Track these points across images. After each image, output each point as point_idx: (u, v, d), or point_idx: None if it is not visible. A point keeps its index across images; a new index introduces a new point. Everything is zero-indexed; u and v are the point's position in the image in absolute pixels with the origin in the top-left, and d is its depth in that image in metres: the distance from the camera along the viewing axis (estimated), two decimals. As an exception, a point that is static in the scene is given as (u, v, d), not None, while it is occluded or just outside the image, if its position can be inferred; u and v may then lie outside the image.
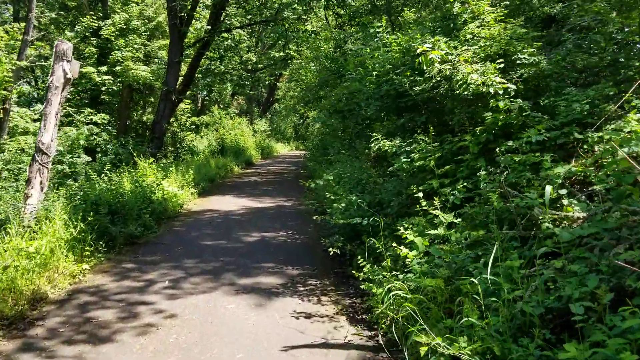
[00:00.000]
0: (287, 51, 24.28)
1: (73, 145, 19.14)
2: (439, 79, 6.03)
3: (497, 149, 5.57)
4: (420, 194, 5.80)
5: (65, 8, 25.61)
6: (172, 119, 21.36)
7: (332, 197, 7.41)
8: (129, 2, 25.62)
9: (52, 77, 11.81)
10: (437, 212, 5.40)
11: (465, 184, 5.83)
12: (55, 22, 26.83)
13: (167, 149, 21.06)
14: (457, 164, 6.22)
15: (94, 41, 24.34)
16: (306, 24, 19.58)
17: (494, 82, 5.36)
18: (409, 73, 7.13)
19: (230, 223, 10.60)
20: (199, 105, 33.05)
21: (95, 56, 25.19)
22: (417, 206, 5.96)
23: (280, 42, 22.86)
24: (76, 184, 10.83)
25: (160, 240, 9.21)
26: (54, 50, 11.83)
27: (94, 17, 24.19)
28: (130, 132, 23.04)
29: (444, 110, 7.10)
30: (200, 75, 23.60)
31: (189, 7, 18.38)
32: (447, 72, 5.78)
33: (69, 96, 25.40)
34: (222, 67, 24.39)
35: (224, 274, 7.28)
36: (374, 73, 8.58)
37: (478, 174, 5.65)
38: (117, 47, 23.38)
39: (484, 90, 5.39)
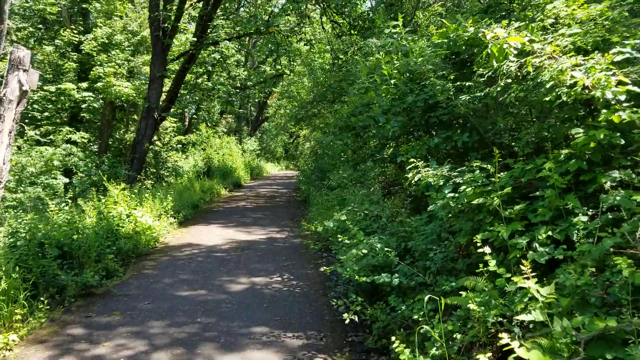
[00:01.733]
0: (278, 67, 22.43)
1: (47, 167, 17.02)
2: (509, 80, 4.07)
3: (597, 182, 3.67)
4: (487, 249, 3.82)
5: (45, 22, 23.58)
6: (155, 138, 19.35)
7: (346, 241, 5.39)
8: (112, 15, 23.77)
9: (5, 89, 9.68)
10: (526, 282, 3.39)
11: (550, 233, 3.87)
12: (34, 37, 24.80)
13: (149, 171, 18.98)
14: (528, 201, 4.27)
15: (74, 56, 22.36)
16: (299, 37, 17.67)
17: (609, 83, 3.40)
18: (452, 76, 5.18)
19: (213, 263, 8.51)
20: (186, 123, 31.04)
21: (76, 72, 23.28)
22: (474, 261, 4.01)
23: (271, 56, 21.00)
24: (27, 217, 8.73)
25: (124, 289, 7.10)
26: (9, 58, 9.80)
27: (75, 32, 22.29)
28: (112, 152, 21.06)
29: (499, 126, 5.14)
30: (185, 92, 21.61)
31: (173, 17, 16.46)
32: (530, 69, 3.82)
33: (46, 113, 23.42)
34: (210, 83, 22.44)
35: (201, 346, 5.21)
36: (392, 81, 6.64)
37: (574, 219, 3.72)
38: (98, 63, 21.44)
39: (593, 94, 3.43)
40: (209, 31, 17.66)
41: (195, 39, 17.12)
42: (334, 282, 6.46)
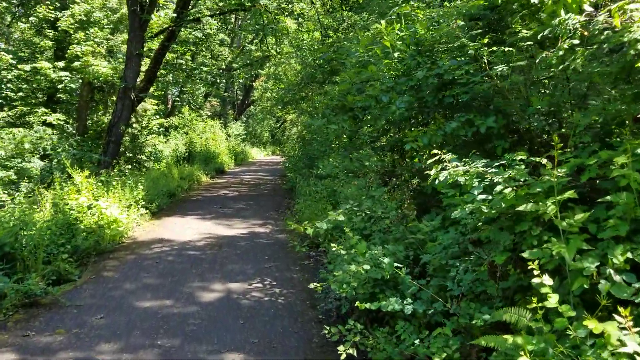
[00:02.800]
0: (264, 47, 21.05)
1: (18, 149, 15.62)
2: (575, 42, 2.90)
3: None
4: (547, 279, 2.68)
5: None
6: (132, 121, 18.00)
7: (341, 251, 4.21)
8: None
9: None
10: (610, 329, 2.25)
11: (630, 255, 2.74)
12: (9, 12, 23.18)
13: (126, 155, 17.65)
14: (589, 208, 3.14)
15: (51, 34, 20.83)
16: (287, 13, 16.36)
17: None
18: (486, 40, 4.01)
19: (184, 264, 7.29)
20: (169, 106, 29.58)
21: (52, 50, 21.77)
22: (514, 286, 2.88)
23: (257, 36, 19.66)
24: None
25: (76, 298, 5.87)
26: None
27: (51, 8, 20.72)
28: (90, 135, 19.69)
29: (532, 108, 3.97)
30: (166, 72, 20.20)
31: (151, -9, 15.06)
32: (617, 22, 2.65)
33: (21, 94, 21.88)
34: (192, 64, 21.02)
35: (157, 382, 4.04)
36: (396, 55, 5.44)
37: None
38: (76, 41, 19.97)
39: None
40: (190, 7, 16.26)
41: (175, 15, 15.74)
42: (324, 292, 5.31)
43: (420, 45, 5.39)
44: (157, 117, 20.60)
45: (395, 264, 3.90)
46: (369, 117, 5.42)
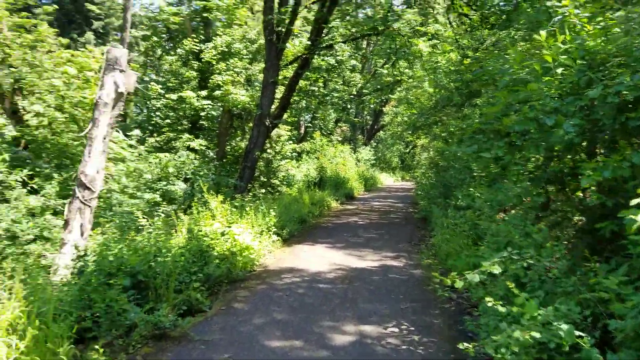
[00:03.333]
0: (395, 71, 20.61)
1: (163, 173, 16.55)
2: None
3: None
4: None
5: (168, 31, 23.67)
6: (267, 147, 18.36)
7: (500, 308, 3.47)
8: (231, 24, 23.39)
9: (101, 91, 8.81)
10: None
11: None
12: (159, 46, 25.06)
13: (260, 180, 17.99)
14: None
15: (195, 65, 22.17)
16: (420, 35, 15.76)
17: None
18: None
19: (315, 298, 6.86)
20: (302, 131, 30.14)
21: (196, 80, 23.16)
22: None
23: (389, 60, 19.27)
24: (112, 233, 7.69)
25: (205, 331, 5.64)
26: (105, 57, 8.94)
27: (196, 41, 22.09)
28: (228, 160, 20.49)
29: None
30: (299, 99, 20.47)
31: (287, 20, 15.26)
32: None
33: (168, 120, 23.44)
34: (324, 89, 21.15)
35: None
36: (559, 70, 4.61)
37: None
38: (217, 71, 21.05)
39: None
40: (324, 34, 16.27)
41: (309, 43, 15.83)
42: (473, 347, 4.49)
43: (590, 59, 4.52)
44: (290, 142, 20.94)
45: (578, 333, 3.09)
46: (528, 143, 4.61)
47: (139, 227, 8.16)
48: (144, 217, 8.24)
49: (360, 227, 13.25)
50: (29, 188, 9.54)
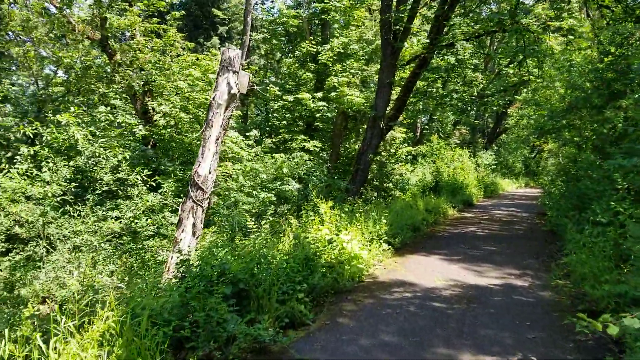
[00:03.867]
0: (522, 71, 19.06)
1: (277, 174, 16.69)
2: None
3: None
4: None
5: (287, 34, 23.95)
6: (381, 149, 17.81)
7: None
8: (349, 25, 23.18)
9: (215, 92, 8.76)
10: None
11: None
12: (278, 49, 25.48)
13: (373, 183, 17.49)
14: None
15: (312, 67, 22.22)
16: (553, 30, 14.36)
17: None
18: None
19: (427, 319, 6.18)
20: (418, 134, 29.18)
21: (312, 82, 23.24)
22: None
23: (516, 59, 17.83)
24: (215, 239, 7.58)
25: (306, 349, 5.21)
26: (220, 59, 8.90)
27: (313, 43, 22.14)
28: (342, 162, 20.29)
29: None
30: (415, 100, 19.67)
31: (405, 19, 14.61)
32: None
33: (284, 122, 23.73)
34: (443, 90, 20.15)
35: None
36: None
37: None
38: (333, 73, 20.92)
39: None
40: (444, 32, 15.39)
41: (428, 41, 15.04)
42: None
43: None
44: (405, 145, 20.23)
45: None
46: None
47: (248, 230, 8.00)
48: (252, 220, 8.07)
49: (480, 238, 12.24)
50: (148, 186, 9.79)
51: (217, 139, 8.21)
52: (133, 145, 14.89)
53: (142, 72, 15.49)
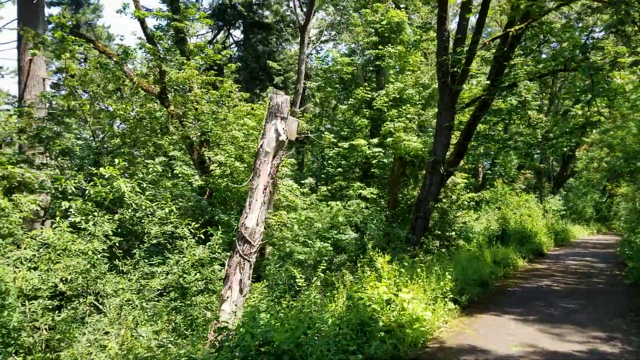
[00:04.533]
0: (591, 110, 17.88)
1: (333, 222, 16.11)
2: None
3: None
4: None
5: (342, 81, 23.78)
6: (441, 196, 16.92)
7: None
8: (404, 70, 22.78)
9: (263, 139, 8.34)
10: None
11: None
12: (333, 96, 25.28)
13: (434, 232, 16.51)
14: None
15: (367, 113, 21.83)
16: (625, 69, 13.31)
17: None
18: None
19: (504, 397, 5.26)
20: (480, 179, 28.01)
21: (367, 128, 22.81)
22: None
23: (583, 98, 16.73)
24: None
25: None
26: (268, 104, 8.52)
27: (368, 89, 21.83)
28: (401, 210, 19.49)
29: None
30: (477, 144, 18.74)
31: (463, 60, 13.98)
32: None
33: (339, 169, 23.25)
34: (505, 133, 19.17)
35: None
36: None
37: None
38: (389, 118, 20.42)
39: None
40: (505, 72, 14.63)
41: (488, 83, 14.30)
42: None
43: None
44: (468, 191, 19.25)
45: None
46: None
47: (297, 288, 7.36)
48: (301, 277, 7.42)
49: (555, 293, 11.02)
50: (197, 238, 9.37)
51: (265, 189, 7.70)
52: (187, 195, 14.73)
53: (199, 122, 15.50)
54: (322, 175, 23.81)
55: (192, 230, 8.79)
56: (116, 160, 8.23)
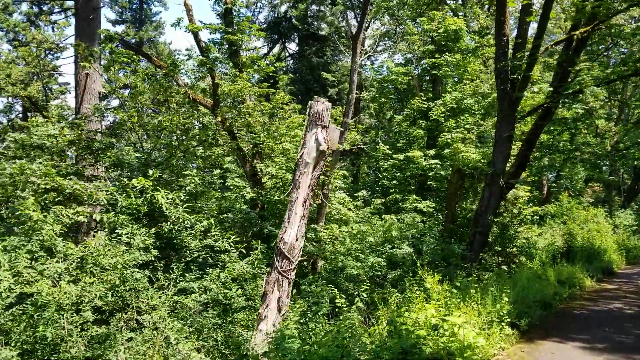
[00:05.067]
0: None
1: (386, 236, 15.52)
2: None
3: None
4: None
5: (397, 92, 23.18)
6: (501, 210, 15.99)
7: None
8: (462, 79, 21.98)
9: (302, 149, 7.93)
10: None
11: None
12: (388, 107, 24.70)
13: (493, 249, 15.58)
14: None
15: (423, 123, 21.13)
16: None
17: None
18: None
19: None
20: (544, 192, 26.57)
21: (424, 139, 22.08)
22: None
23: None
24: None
25: None
26: (307, 112, 8.11)
27: (424, 99, 21.15)
28: (459, 224, 18.67)
29: None
30: (539, 154, 17.68)
31: (524, 66, 13.16)
32: None
33: (395, 181, 22.56)
34: (570, 144, 17.99)
35: None
36: None
37: None
38: (446, 129, 19.67)
39: None
40: (569, 79, 13.67)
41: (551, 89, 13.37)
42: None
43: None
44: (530, 205, 18.18)
45: None
46: None
47: (337, 308, 6.85)
48: (341, 296, 6.91)
49: (628, 318, 9.95)
50: (238, 252, 9.04)
51: (305, 202, 7.26)
52: (236, 207, 14.56)
53: (251, 134, 15.35)
54: (377, 188, 23.22)
55: (231, 243, 8.44)
56: (150, 171, 8.03)
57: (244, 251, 8.90)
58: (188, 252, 8.00)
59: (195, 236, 7.97)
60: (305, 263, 16.08)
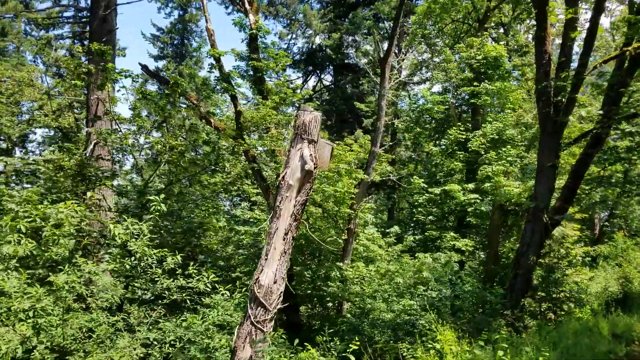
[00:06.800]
0: None
1: (416, 277, 14.01)
2: None
3: None
4: None
5: (434, 121, 21.71)
6: (546, 250, 14.04)
7: None
8: (503, 108, 20.38)
9: (286, 169, 6.53)
10: None
11: None
12: (424, 137, 23.17)
13: (538, 294, 13.63)
14: None
15: (461, 155, 19.53)
16: None
17: None
18: None
19: None
20: (596, 231, 24.18)
21: (462, 172, 20.44)
22: None
23: None
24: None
25: None
26: (292, 124, 6.73)
27: (462, 129, 19.60)
28: (503, 264, 16.91)
29: None
30: (589, 187, 15.71)
31: (569, 87, 11.48)
32: None
33: (431, 217, 20.80)
34: (624, 176, 15.96)
35: None
36: None
37: None
38: (486, 161, 18.04)
39: None
40: (622, 102, 11.90)
41: (601, 114, 11.59)
42: None
43: None
44: (580, 245, 16.14)
45: None
46: None
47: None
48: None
49: None
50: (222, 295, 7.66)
51: (286, 234, 5.79)
52: (249, 242, 13.35)
53: (276, 164, 14.23)
54: (411, 224, 21.57)
55: (212, 284, 7.02)
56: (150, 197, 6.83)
57: (228, 293, 7.46)
58: (158, 292, 6.68)
59: (161, 275, 6.60)
60: (330, 304, 14.62)
